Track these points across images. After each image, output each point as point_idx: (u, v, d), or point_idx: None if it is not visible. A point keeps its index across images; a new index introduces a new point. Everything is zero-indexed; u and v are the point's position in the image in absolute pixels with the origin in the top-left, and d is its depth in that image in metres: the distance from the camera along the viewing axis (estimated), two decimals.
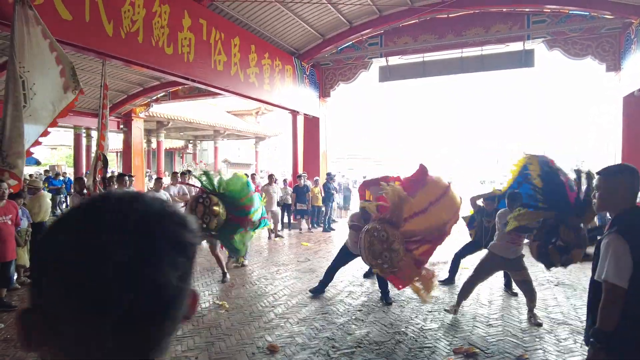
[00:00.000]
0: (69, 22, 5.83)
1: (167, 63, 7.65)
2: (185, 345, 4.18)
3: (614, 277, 2.00)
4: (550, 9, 10.93)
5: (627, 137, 10.35)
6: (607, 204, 2.25)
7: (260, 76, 10.59)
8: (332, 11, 11.41)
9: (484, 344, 4.18)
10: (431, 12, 11.44)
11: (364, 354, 3.96)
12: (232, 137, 26.04)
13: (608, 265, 2.02)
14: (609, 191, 2.21)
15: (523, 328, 4.60)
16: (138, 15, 6.95)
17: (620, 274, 1.99)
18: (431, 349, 4.07)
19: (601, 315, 2.03)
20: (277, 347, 4.07)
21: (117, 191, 0.61)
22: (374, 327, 4.63)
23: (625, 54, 10.03)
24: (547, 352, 3.98)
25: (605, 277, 2.02)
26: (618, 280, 1.99)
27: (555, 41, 11.15)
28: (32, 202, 6.98)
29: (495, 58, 12.17)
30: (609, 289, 2.01)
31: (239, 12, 10.11)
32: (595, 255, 2.21)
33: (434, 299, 5.55)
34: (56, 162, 27.56)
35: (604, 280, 2.03)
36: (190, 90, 14.21)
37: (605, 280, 2.02)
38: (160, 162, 20.39)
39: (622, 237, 2.03)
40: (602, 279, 2.04)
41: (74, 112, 14.33)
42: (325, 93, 14.21)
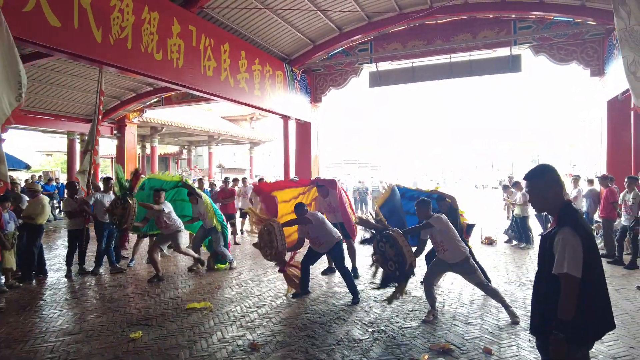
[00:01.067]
0: (57, 29, 5.95)
1: (157, 69, 7.79)
2: (167, 343, 4.26)
3: (569, 268, 2.10)
4: (535, 15, 11.16)
5: (611, 140, 10.54)
6: (543, 205, 2.36)
7: (251, 82, 10.73)
8: (322, 18, 11.59)
9: (460, 341, 4.27)
10: (419, 18, 11.64)
11: (342, 351, 4.05)
12: (227, 143, 26.18)
13: (567, 258, 2.12)
14: (541, 192, 2.32)
15: (501, 326, 4.69)
16: (127, 22, 7.09)
17: (575, 265, 2.10)
18: (408, 346, 4.16)
19: (563, 305, 2.12)
20: (258, 345, 4.15)
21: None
22: (354, 326, 4.72)
23: (609, 59, 10.24)
24: (520, 347, 4.08)
25: (566, 270, 2.11)
26: (574, 271, 2.09)
27: (541, 47, 11.37)
28: (33, 205, 7.08)
29: (483, 63, 12.39)
30: (567, 280, 2.11)
31: (228, 19, 10.26)
32: (544, 250, 2.31)
33: (415, 299, 5.66)
34: (51, 168, 27.56)
35: (565, 273, 2.11)
36: (184, 96, 14.35)
37: (566, 273, 2.11)
38: (155, 167, 20.46)
39: (574, 232, 2.15)
40: (564, 272, 2.12)
41: (68, 117, 14.45)
42: (317, 98, 14.37)
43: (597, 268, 2.22)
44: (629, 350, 3.98)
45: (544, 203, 2.34)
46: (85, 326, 4.78)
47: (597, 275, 2.21)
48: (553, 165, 2.40)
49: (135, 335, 4.42)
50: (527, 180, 2.37)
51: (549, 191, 2.29)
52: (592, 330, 2.19)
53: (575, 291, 2.10)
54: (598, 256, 2.27)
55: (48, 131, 17.69)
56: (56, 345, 4.24)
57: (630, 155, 9.78)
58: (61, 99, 13.30)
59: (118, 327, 4.73)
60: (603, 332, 2.26)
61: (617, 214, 7.91)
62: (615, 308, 5.15)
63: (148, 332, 4.56)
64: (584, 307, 2.12)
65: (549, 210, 2.36)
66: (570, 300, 2.10)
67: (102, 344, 4.26)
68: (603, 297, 2.23)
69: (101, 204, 7.27)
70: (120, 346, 4.21)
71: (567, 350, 2.11)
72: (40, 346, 4.23)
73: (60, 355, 4.00)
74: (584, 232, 2.17)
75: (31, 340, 4.39)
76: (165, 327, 4.74)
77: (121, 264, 7.73)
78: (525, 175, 2.39)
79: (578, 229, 2.16)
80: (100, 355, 4.01)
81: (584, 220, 2.34)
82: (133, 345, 4.22)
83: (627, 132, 9.91)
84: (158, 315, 5.12)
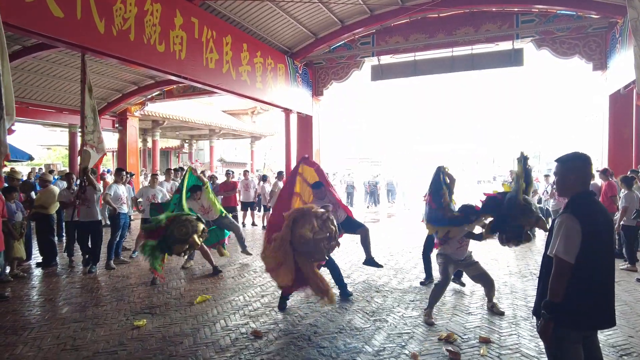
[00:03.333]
0: (60, 19, 5.94)
1: (159, 61, 7.78)
2: (171, 331, 4.31)
3: (563, 253, 2.16)
4: (538, 9, 11.11)
5: (613, 134, 10.54)
6: (563, 188, 2.41)
7: (253, 74, 10.72)
8: (324, 10, 11.56)
9: (461, 330, 4.32)
10: (421, 11, 11.60)
11: (344, 339, 4.10)
12: (228, 137, 26.17)
13: (559, 242, 2.18)
14: (563, 176, 2.37)
15: (501, 316, 4.74)
16: (130, 14, 7.07)
17: (568, 250, 2.15)
18: (409, 334, 4.20)
19: (550, 287, 2.18)
20: (261, 333, 4.20)
21: None
22: (356, 315, 4.77)
23: (611, 52, 10.21)
24: (520, 336, 4.12)
25: (556, 252, 2.18)
26: (566, 256, 2.14)
27: (544, 40, 11.33)
28: (45, 194, 7.22)
29: (485, 57, 12.34)
30: (558, 263, 2.17)
31: (231, 11, 10.24)
32: (550, 233, 2.36)
33: (416, 289, 5.71)
34: (52, 161, 27.60)
35: (554, 255, 2.18)
36: (185, 89, 14.34)
37: (556, 255, 2.18)
38: (156, 161, 20.47)
39: (575, 217, 2.19)
40: (553, 254, 2.19)
41: (70, 110, 14.46)
42: (318, 92, 14.35)
43: (602, 259, 2.24)
44: (627, 339, 4.03)
45: (562, 186, 2.42)
46: (90, 314, 4.83)
47: (600, 266, 2.23)
48: (587, 154, 2.43)
49: (140, 323, 4.47)
50: (557, 162, 2.45)
51: (570, 177, 2.35)
52: (583, 318, 2.21)
53: (565, 274, 2.14)
54: (605, 247, 2.27)
55: (49, 124, 17.69)
56: (62, 333, 4.29)
57: (631, 148, 9.78)
58: (62, 91, 13.29)
59: (122, 316, 4.78)
60: (599, 324, 2.29)
61: (616, 207, 7.93)
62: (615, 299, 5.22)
63: (152, 320, 4.61)
64: (577, 292, 2.16)
65: (566, 194, 2.41)
66: (558, 283, 2.15)
67: (106, 332, 4.31)
68: (603, 289, 2.25)
69: (117, 196, 7.34)
70: (124, 333, 4.26)
71: (553, 330, 2.16)
72: (45, 333, 4.28)
73: (66, 342, 4.05)
74: (587, 220, 2.19)
75: (37, 327, 4.44)
76: (169, 315, 4.79)
77: (124, 255, 7.78)
78: (557, 158, 2.47)
79: (580, 215, 2.19)
80: (105, 342, 4.06)
81: (599, 212, 2.33)
82: (137, 333, 4.27)
83: (629, 126, 9.90)
84: (162, 304, 5.17)
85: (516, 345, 3.92)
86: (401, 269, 6.90)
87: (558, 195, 2.60)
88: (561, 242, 2.17)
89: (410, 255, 7.96)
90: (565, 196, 2.39)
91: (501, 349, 3.85)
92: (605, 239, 2.25)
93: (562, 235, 2.17)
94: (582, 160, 2.35)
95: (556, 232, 2.22)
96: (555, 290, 2.17)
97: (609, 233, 2.29)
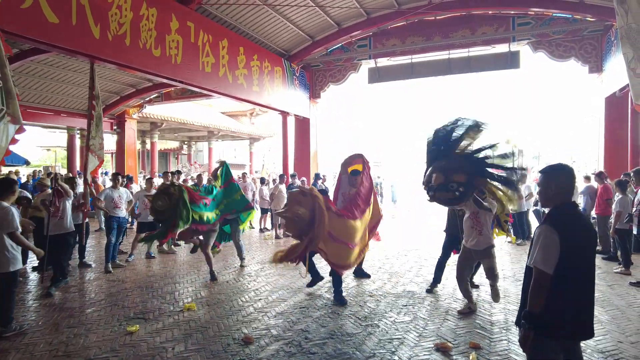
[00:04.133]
0: (55, 25, 5.98)
1: (155, 65, 7.82)
2: (163, 337, 4.33)
3: (541, 263, 2.18)
4: (534, 12, 11.16)
5: (608, 136, 10.58)
6: (544, 199, 2.44)
7: (249, 77, 10.76)
8: (320, 14, 11.60)
9: (452, 335, 4.34)
10: (418, 14, 11.65)
11: (335, 345, 4.12)
12: (227, 138, 26.21)
13: (537, 252, 2.21)
14: (545, 188, 2.41)
15: (493, 321, 4.76)
16: (125, 19, 7.11)
17: (547, 261, 2.17)
18: (400, 340, 4.23)
19: (530, 298, 2.21)
20: (252, 339, 4.23)
21: None
22: (348, 320, 4.79)
23: (607, 55, 10.24)
24: (510, 342, 4.14)
25: (534, 263, 2.21)
26: (545, 267, 2.17)
27: (540, 43, 11.37)
28: (42, 198, 7.21)
29: (481, 59, 12.38)
30: (537, 274, 2.20)
31: (227, 15, 10.28)
32: (531, 243, 2.39)
33: (409, 294, 5.73)
34: (51, 163, 27.62)
35: (533, 265, 2.21)
36: (183, 91, 14.38)
37: (535, 266, 2.20)
38: (155, 163, 20.52)
39: (553, 229, 2.21)
40: (532, 265, 2.22)
41: (68, 113, 14.50)
42: (316, 94, 14.39)
43: (581, 270, 2.25)
44: (617, 344, 4.05)
45: (544, 197, 2.45)
46: (83, 320, 4.86)
47: (579, 277, 2.24)
48: (570, 166, 2.48)
49: (132, 329, 4.49)
50: (540, 173, 2.50)
51: (551, 188, 2.38)
52: (562, 328, 2.23)
53: (543, 285, 2.17)
54: (585, 259, 2.28)
55: (48, 126, 17.73)
56: (54, 339, 4.31)
57: (627, 151, 9.81)
58: (61, 94, 13.34)
59: (115, 321, 4.80)
60: (578, 335, 2.31)
61: (611, 210, 7.95)
62: (607, 304, 5.25)
63: (145, 326, 4.63)
64: (556, 303, 2.18)
65: (547, 205, 2.45)
66: (537, 293, 2.18)
67: (99, 337, 4.33)
68: (582, 300, 2.26)
69: (110, 199, 7.38)
70: (117, 339, 4.28)
71: (533, 340, 2.19)
72: (38, 339, 4.30)
73: (58, 348, 4.08)
74: (565, 232, 2.20)
75: (29, 333, 4.46)
76: (162, 320, 4.81)
77: (120, 259, 7.80)
78: (541, 169, 2.52)
79: (559, 227, 2.21)
80: (98, 348, 4.08)
81: (579, 223, 2.34)
82: (130, 339, 4.29)
83: (625, 128, 9.93)
84: (155, 309, 5.20)
85: (506, 352, 3.94)
86: (395, 273, 6.93)
87: (541, 206, 2.61)
88: (539, 253, 2.20)
89: (405, 259, 7.98)
90: (547, 207, 2.42)
91: (490, 355, 3.87)
92: (585, 250, 2.27)
93: (540, 246, 2.20)
94: (564, 172, 2.38)
95: (535, 242, 2.25)
96: (534, 301, 2.19)
97: (589, 245, 2.31)
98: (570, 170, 2.41)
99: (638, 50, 5.01)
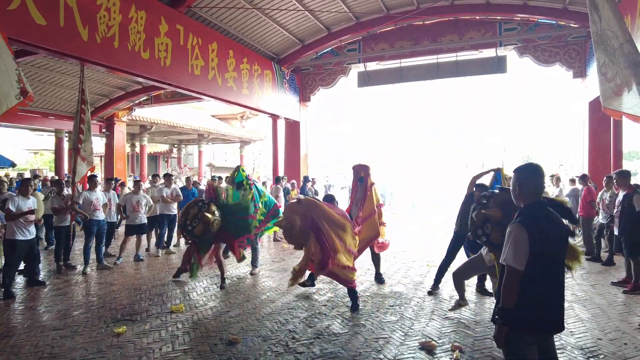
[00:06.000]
0: (43, 27, 5.97)
1: (143, 67, 7.82)
2: (150, 338, 4.34)
3: (512, 260, 2.26)
4: (520, 17, 11.36)
5: (592, 140, 10.79)
6: (514, 197, 2.53)
7: (239, 81, 10.79)
8: (310, 18, 11.68)
9: (437, 334, 4.41)
10: (406, 19, 11.79)
11: (321, 344, 4.16)
12: (217, 142, 26.16)
13: (508, 250, 2.29)
14: (514, 186, 2.50)
15: (477, 320, 4.83)
16: (114, 21, 7.12)
17: (517, 258, 2.25)
18: (386, 339, 4.28)
19: (502, 293, 2.28)
20: (239, 339, 4.25)
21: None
22: (335, 321, 4.84)
23: (590, 60, 10.45)
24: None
25: (505, 259, 2.29)
26: (515, 263, 2.25)
27: (526, 48, 11.58)
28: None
29: (469, 64, 12.56)
30: (508, 270, 2.28)
31: (216, 18, 10.31)
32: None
33: (396, 294, 5.80)
34: (38, 166, 27.31)
35: (505, 262, 2.29)
36: (173, 94, 14.35)
37: (506, 263, 2.28)
38: (144, 166, 20.37)
39: (522, 226, 2.29)
40: (504, 262, 2.29)
41: (56, 115, 14.39)
42: (306, 98, 14.47)
43: (551, 266, 2.32)
44: (596, 342, 4.15)
45: (514, 195, 2.52)
46: (70, 322, 4.84)
47: (548, 273, 2.31)
48: (540, 165, 2.54)
49: (120, 330, 4.49)
50: (513, 172, 2.58)
51: (517, 185, 2.46)
52: (534, 322, 2.30)
53: (514, 281, 2.25)
54: (554, 255, 2.35)
55: (35, 129, 17.58)
56: (40, 341, 4.29)
57: (610, 154, 10.01)
58: (48, 96, 13.24)
59: (102, 323, 4.79)
60: (549, 329, 2.38)
61: (595, 212, 8.12)
62: (588, 302, 5.37)
63: (132, 327, 4.63)
64: (527, 298, 2.26)
65: (517, 203, 2.52)
66: (509, 289, 2.25)
67: (85, 339, 4.32)
68: (552, 295, 2.34)
69: (89, 202, 7.33)
70: (103, 341, 4.28)
71: (506, 335, 2.26)
72: (24, 341, 4.28)
73: (44, 350, 4.06)
74: (534, 229, 2.28)
75: (15, 335, 4.44)
76: (150, 322, 4.81)
77: (108, 261, 7.76)
78: (514, 169, 2.59)
79: (528, 224, 2.29)
80: (84, 349, 4.08)
81: (550, 220, 2.40)
82: (117, 340, 4.29)
83: (608, 132, 10.13)
84: (142, 311, 5.19)
85: (489, 349, 4.01)
86: (383, 274, 6.97)
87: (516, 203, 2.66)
88: (510, 250, 2.27)
89: (393, 260, 8.05)
90: (518, 205, 2.50)
91: (474, 353, 3.94)
92: (554, 246, 2.34)
93: (510, 244, 2.28)
94: (532, 171, 2.46)
95: (506, 240, 2.32)
96: (506, 296, 2.26)
97: (558, 242, 2.38)
98: (538, 169, 2.49)
99: (610, 56, 5.18)
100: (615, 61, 5.17)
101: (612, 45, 5.15)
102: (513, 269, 2.25)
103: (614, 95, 5.29)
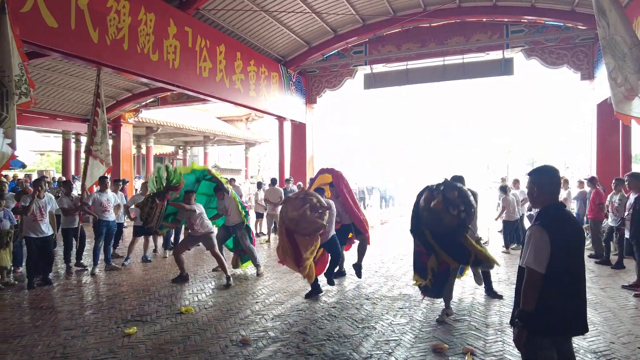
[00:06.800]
0: (54, 29, 6.03)
1: (153, 69, 7.87)
2: (162, 339, 4.35)
3: (533, 263, 2.25)
4: (527, 20, 11.34)
5: (600, 143, 10.73)
6: (532, 200, 2.52)
7: (246, 82, 10.83)
8: (317, 20, 11.72)
9: (447, 337, 4.39)
10: (413, 21, 11.79)
11: (332, 346, 4.16)
12: (223, 143, 26.21)
13: (529, 253, 2.28)
14: (531, 189, 2.49)
15: (487, 323, 4.82)
16: (124, 23, 7.17)
17: (538, 260, 2.24)
18: (396, 342, 4.27)
19: (523, 296, 2.27)
20: (250, 340, 4.25)
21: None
22: (345, 322, 4.83)
23: (598, 63, 10.41)
24: (505, 343, 4.20)
25: (526, 263, 2.28)
26: (536, 266, 2.24)
27: (533, 50, 11.55)
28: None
29: (476, 66, 12.55)
30: (529, 273, 2.27)
31: (224, 21, 10.36)
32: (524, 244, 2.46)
33: (405, 297, 5.78)
34: (45, 167, 27.47)
35: (525, 265, 2.28)
36: (179, 96, 14.41)
37: (527, 266, 2.27)
38: (150, 167, 20.44)
39: (544, 229, 2.28)
40: (525, 265, 2.29)
41: (64, 117, 14.48)
42: (312, 100, 14.49)
43: (572, 268, 2.32)
44: (609, 345, 4.12)
45: (532, 198, 2.52)
46: (80, 322, 4.86)
47: (569, 274, 2.31)
48: (555, 167, 2.54)
49: (130, 331, 4.50)
50: (528, 175, 2.57)
51: (535, 188, 2.46)
52: (555, 325, 2.29)
53: (535, 284, 2.24)
54: (575, 257, 2.35)
55: (43, 130, 17.67)
56: (52, 340, 4.31)
57: (619, 156, 9.96)
58: (56, 98, 13.33)
59: (113, 323, 4.81)
60: (571, 331, 2.37)
61: (604, 215, 8.07)
62: (599, 306, 5.33)
63: (143, 328, 4.65)
64: (548, 301, 2.25)
65: (535, 206, 2.52)
66: (530, 292, 2.25)
67: (97, 339, 4.34)
68: (573, 297, 2.33)
69: (99, 203, 7.37)
70: (115, 341, 4.29)
71: (526, 338, 2.25)
72: (36, 341, 4.30)
73: (56, 350, 4.08)
74: (555, 231, 2.28)
75: (27, 335, 4.47)
76: (160, 323, 4.83)
77: (116, 262, 7.79)
78: (528, 172, 2.59)
79: (549, 227, 2.28)
80: (96, 349, 4.09)
81: (569, 222, 2.40)
82: (128, 341, 4.31)
83: (616, 134, 10.09)
84: (152, 312, 5.21)
85: (501, 352, 3.99)
86: (392, 277, 6.98)
87: (531, 206, 2.66)
88: (531, 253, 2.27)
89: (401, 263, 8.04)
90: (536, 208, 2.50)
91: (486, 356, 3.92)
92: (574, 248, 2.34)
93: (531, 247, 2.27)
94: (548, 173, 2.46)
95: (526, 243, 2.32)
96: (527, 299, 2.26)
97: (578, 243, 2.38)
98: (553, 172, 2.48)
99: (619, 61, 5.17)
100: (624, 66, 5.17)
101: (621, 49, 5.15)
102: (534, 271, 2.24)
103: (625, 100, 5.28)
